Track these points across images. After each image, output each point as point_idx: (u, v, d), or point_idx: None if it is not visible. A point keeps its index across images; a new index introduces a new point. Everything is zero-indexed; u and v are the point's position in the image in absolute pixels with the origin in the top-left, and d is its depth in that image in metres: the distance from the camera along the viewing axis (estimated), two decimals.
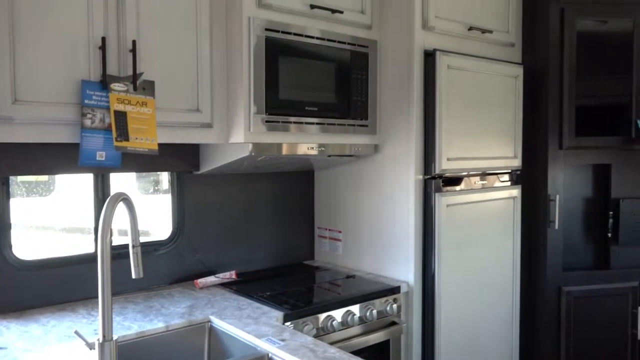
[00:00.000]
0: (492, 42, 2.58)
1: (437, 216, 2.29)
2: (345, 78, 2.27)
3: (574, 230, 2.87)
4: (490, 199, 2.54)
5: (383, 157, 2.43)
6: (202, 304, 2.02)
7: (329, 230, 2.72)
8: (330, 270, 2.58)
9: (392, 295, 2.26)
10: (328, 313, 2.04)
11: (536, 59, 2.67)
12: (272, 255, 2.67)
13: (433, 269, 2.30)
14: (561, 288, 2.67)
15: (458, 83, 2.35)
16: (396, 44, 2.34)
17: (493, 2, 2.58)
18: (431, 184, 2.29)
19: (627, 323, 2.76)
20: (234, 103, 2.03)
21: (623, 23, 2.69)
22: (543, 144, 2.65)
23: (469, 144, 2.42)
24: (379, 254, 2.46)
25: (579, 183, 2.89)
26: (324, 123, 2.22)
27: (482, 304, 2.52)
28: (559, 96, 2.62)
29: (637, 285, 2.76)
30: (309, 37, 2.14)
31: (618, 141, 2.70)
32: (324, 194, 2.75)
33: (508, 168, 2.61)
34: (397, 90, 2.35)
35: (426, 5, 2.28)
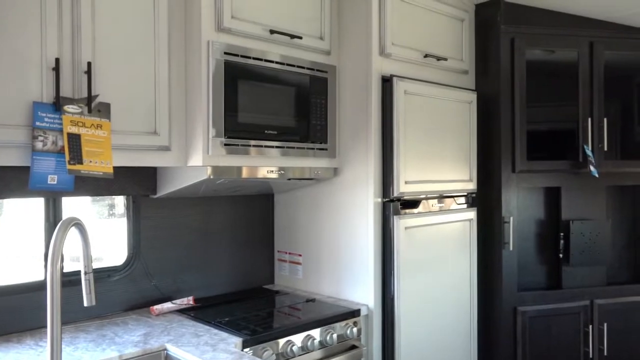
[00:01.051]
0: (447, 69, 2.67)
1: (396, 239, 2.31)
2: (304, 102, 2.29)
3: (527, 251, 2.95)
4: (448, 221, 2.59)
5: (342, 181, 2.45)
6: (157, 331, 1.96)
7: (289, 254, 2.71)
8: (290, 294, 2.56)
9: (352, 318, 2.26)
10: (288, 338, 2.01)
11: (489, 86, 2.77)
12: (231, 279, 2.63)
13: (392, 291, 2.32)
14: (516, 308, 2.73)
15: (415, 108, 2.41)
16: (355, 70, 2.39)
17: (448, 31, 2.67)
18: (390, 207, 2.32)
19: (580, 341, 2.83)
20: (193, 126, 2.02)
21: (569, 53, 2.83)
22: (497, 168, 2.73)
23: (426, 167, 2.47)
24: (339, 277, 2.46)
25: (531, 205, 2.99)
26: (284, 146, 2.23)
27: (441, 325, 2.54)
28: (511, 122, 2.72)
29: (588, 304, 2.85)
30: (268, 61, 2.16)
31: (567, 165, 2.81)
32: (284, 217, 2.74)
33: (464, 191, 2.68)
34: (356, 115, 2.39)
35: (383, 33, 2.34)
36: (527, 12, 2.79)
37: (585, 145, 2.77)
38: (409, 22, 2.47)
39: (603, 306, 2.87)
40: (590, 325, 2.84)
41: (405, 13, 2.45)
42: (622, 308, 2.90)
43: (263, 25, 2.15)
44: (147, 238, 2.32)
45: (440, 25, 2.63)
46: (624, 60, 2.96)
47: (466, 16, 2.75)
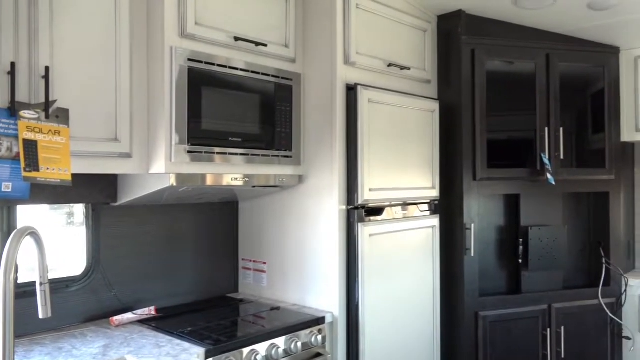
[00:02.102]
0: (410, 79, 2.71)
1: (360, 246, 2.33)
2: (269, 109, 2.29)
3: (488, 257, 3.02)
4: (411, 228, 2.62)
5: (307, 188, 2.45)
6: (117, 342, 1.91)
7: (253, 262, 2.69)
8: (254, 303, 2.54)
9: (317, 326, 2.26)
10: (252, 347, 1.99)
11: (451, 95, 2.82)
12: (194, 289, 2.59)
13: (357, 298, 2.33)
14: (478, 313, 2.78)
15: (379, 116, 2.44)
16: (319, 78, 2.40)
17: (411, 41, 2.72)
18: (354, 214, 2.34)
19: (539, 344, 2.91)
20: (155, 133, 1.99)
21: (527, 64, 2.92)
22: (459, 175, 2.79)
23: (390, 174, 2.50)
24: (304, 284, 2.46)
25: (492, 212, 3.06)
26: (249, 154, 2.22)
27: (405, 331, 2.57)
28: (472, 130, 2.78)
29: (546, 308, 2.93)
30: (233, 68, 2.15)
31: (525, 173, 2.89)
32: (249, 225, 2.72)
33: (427, 198, 2.72)
34: (320, 122, 2.40)
35: (348, 42, 2.36)
36: (488, 24, 2.87)
37: (542, 153, 2.86)
38: (373, 31, 2.51)
39: (560, 310, 2.95)
40: (548, 329, 2.92)
41: (369, 23, 2.48)
42: (578, 311, 2.99)
43: (227, 32, 2.14)
44: (107, 247, 2.26)
45: (403, 36, 2.67)
46: (578, 72, 3.07)
47: (429, 27, 2.81)
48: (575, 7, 2.65)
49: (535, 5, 2.66)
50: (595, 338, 3.03)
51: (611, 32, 2.95)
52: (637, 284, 3.08)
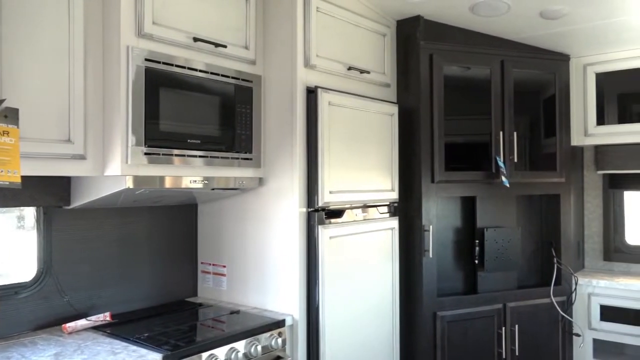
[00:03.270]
0: (370, 82, 2.74)
1: (321, 248, 2.33)
2: (229, 111, 2.27)
3: (446, 258, 3.08)
4: (371, 230, 2.65)
5: (267, 190, 2.44)
6: (70, 350, 1.85)
7: (212, 265, 2.66)
8: (214, 307, 2.51)
9: (277, 329, 2.25)
10: (211, 352, 1.97)
11: (409, 99, 2.87)
12: (151, 293, 2.53)
13: (317, 300, 2.33)
14: (436, 313, 2.83)
15: (339, 119, 2.45)
16: (280, 80, 2.40)
17: (371, 45, 2.75)
18: (314, 217, 2.34)
19: (494, 342, 2.99)
20: (111, 134, 1.94)
21: (482, 70, 3.00)
22: (417, 178, 2.83)
23: (350, 177, 2.52)
24: (264, 287, 2.45)
25: (449, 214, 3.13)
26: (208, 156, 2.19)
27: (365, 332, 2.59)
28: (430, 134, 2.83)
29: (501, 307, 3.01)
30: (192, 69, 2.12)
31: (481, 175, 2.97)
32: (208, 228, 2.69)
33: (387, 200, 2.75)
34: (281, 125, 2.39)
35: (308, 44, 2.37)
36: (445, 30, 2.94)
37: (497, 156, 2.94)
38: (333, 35, 2.52)
39: (515, 309, 3.04)
40: (503, 327, 3.00)
41: (329, 26, 2.50)
42: (531, 310, 3.09)
43: (186, 32, 2.11)
44: (60, 251, 2.19)
45: (363, 39, 2.70)
46: (531, 78, 3.18)
47: (388, 31, 2.85)
48: (528, 15, 2.74)
49: (490, 12, 2.73)
50: (547, 335, 3.14)
51: (562, 40, 3.07)
52: (586, 282, 3.20)
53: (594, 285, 3.18)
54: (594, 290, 3.18)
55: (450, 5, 2.69)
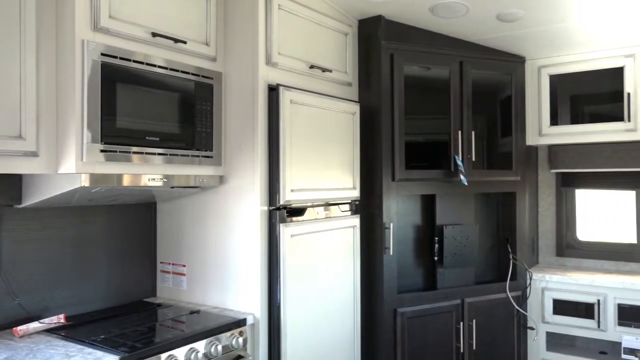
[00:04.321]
0: (332, 81, 2.75)
1: (282, 246, 2.33)
2: (189, 108, 2.23)
3: (406, 255, 3.13)
4: (333, 228, 2.66)
5: (228, 189, 2.42)
6: (21, 354, 1.78)
7: (172, 265, 2.61)
8: (173, 307, 2.47)
9: (238, 328, 2.23)
10: (170, 352, 1.94)
11: (371, 98, 2.90)
12: (108, 294, 2.47)
13: (278, 299, 2.33)
14: (396, 310, 2.87)
15: (301, 117, 2.45)
16: (241, 77, 2.38)
17: (333, 44, 2.76)
18: (276, 215, 2.34)
19: (452, 337, 3.05)
20: (65, 131, 1.88)
21: (442, 70, 3.06)
22: (378, 176, 2.86)
23: (312, 175, 2.52)
24: (225, 287, 2.42)
25: (409, 212, 3.17)
26: (167, 153, 2.15)
27: (327, 330, 2.60)
28: (391, 133, 2.87)
29: (459, 303, 3.08)
30: (150, 65, 2.08)
31: (440, 174, 3.03)
32: (167, 227, 2.64)
33: (348, 199, 2.77)
34: (242, 123, 2.37)
35: (270, 42, 2.36)
36: (406, 30, 2.97)
37: (456, 155, 3.00)
38: (295, 33, 2.52)
39: (472, 304, 3.12)
40: (461, 322, 3.07)
41: (291, 24, 2.49)
42: (488, 305, 3.17)
43: (144, 27, 2.07)
44: (11, 252, 2.11)
45: (325, 38, 2.71)
46: (488, 79, 3.26)
47: (350, 30, 2.87)
48: (485, 17, 2.81)
49: (449, 14, 2.79)
50: (503, 329, 3.23)
51: (518, 43, 3.16)
52: (540, 277, 3.31)
53: (547, 280, 3.29)
54: (547, 285, 3.29)
55: (411, 6, 2.73)
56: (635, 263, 3.42)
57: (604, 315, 3.10)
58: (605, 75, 3.19)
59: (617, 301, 3.08)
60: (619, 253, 3.48)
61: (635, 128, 3.07)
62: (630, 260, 3.44)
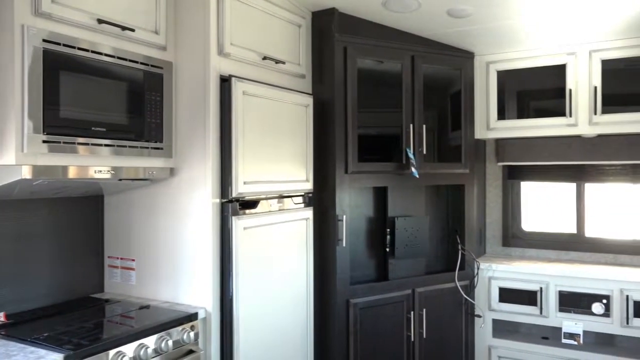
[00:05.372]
0: (285, 73, 2.74)
1: (234, 239, 2.31)
2: (138, 98, 2.17)
3: (359, 247, 3.17)
4: (286, 221, 2.66)
5: (180, 181, 2.37)
6: None
7: (120, 259, 2.54)
8: (122, 302, 2.40)
9: (190, 322, 2.20)
10: (118, 349, 1.89)
11: (324, 91, 2.90)
12: (52, 291, 2.38)
13: (231, 292, 2.31)
14: (349, 300, 2.91)
15: (254, 109, 2.43)
16: (192, 67, 2.33)
17: (286, 36, 2.74)
18: (228, 208, 2.31)
19: (403, 327, 3.12)
20: (4, 120, 1.79)
21: (394, 64, 3.09)
22: (331, 169, 2.88)
23: (265, 167, 2.51)
24: (176, 281, 2.38)
25: (362, 204, 3.21)
26: (115, 145, 2.09)
27: (280, 321, 2.60)
28: (344, 125, 2.88)
29: (410, 293, 3.15)
30: (96, 53, 2.00)
31: (392, 167, 3.07)
32: (115, 220, 2.57)
33: (301, 191, 2.77)
34: (193, 114, 2.33)
35: (222, 32, 2.32)
36: (360, 23, 2.99)
37: (407, 148, 3.05)
38: (248, 23, 2.49)
39: (423, 293, 3.19)
40: (412, 312, 3.14)
41: (243, 14, 2.46)
42: (437, 294, 3.25)
43: (90, 13, 1.99)
44: None
45: (278, 29, 2.69)
46: (439, 74, 3.33)
47: (303, 22, 2.86)
48: (436, 13, 2.86)
49: (401, 8, 2.82)
50: (452, 317, 3.33)
51: (467, 39, 3.23)
52: (487, 267, 3.42)
53: (494, 270, 3.40)
54: (493, 274, 3.41)
55: None
56: (575, 252, 3.58)
57: (546, 302, 3.24)
58: (549, 72, 3.31)
59: (558, 288, 3.22)
60: (561, 243, 3.65)
61: (576, 123, 3.21)
62: (571, 249, 3.60)
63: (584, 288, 3.16)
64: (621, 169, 3.49)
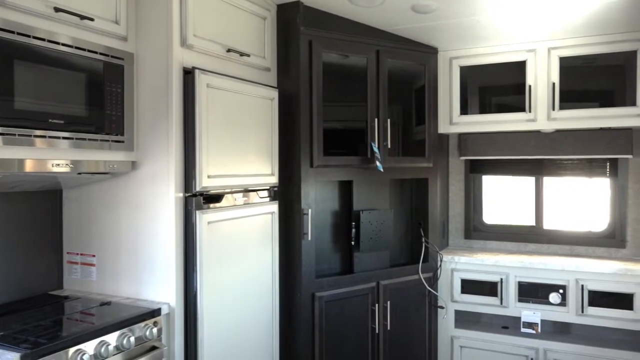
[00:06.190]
0: (250, 65, 2.71)
1: (199, 234, 2.28)
2: (98, 90, 2.11)
3: (324, 240, 3.18)
4: (251, 215, 2.64)
5: (142, 175, 2.33)
6: None
7: (80, 255, 2.48)
8: (82, 299, 2.35)
9: (153, 318, 2.17)
10: (78, 347, 1.85)
11: (289, 84, 2.89)
12: (8, 288, 2.30)
13: (195, 287, 2.28)
14: (314, 294, 2.92)
15: (218, 102, 2.40)
16: (155, 59, 2.28)
17: (251, 28, 2.71)
18: (192, 202, 2.28)
19: (368, 319, 3.15)
20: None
21: (360, 59, 3.10)
22: (297, 163, 2.87)
23: (230, 161, 2.49)
24: (139, 276, 2.34)
25: (327, 197, 3.22)
26: (74, 137, 2.03)
27: (245, 316, 2.59)
28: (309, 119, 2.88)
29: (375, 285, 3.19)
30: (53, 42, 1.94)
31: (358, 160, 3.09)
32: (75, 215, 2.50)
33: (267, 185, 2.76)
34: (156, 106, 2.28)
35: (185, 23, 2.28)
36: (325, 17, 2.98)
37: (372, 142, 3.08)
38: (212, 14, 2.45)
39: (387, 286, 3.23)
40: (376, 304, 3.18)
41: (207, 5, 2.42)
42: (401, 287, 3.30)
43: (46, 1, 1.92)
44: None
45: (243, 21, 2.66)
46: (404, 69, 3.36)
47: (268, 15, 2.83)
48: (401, 8, 2.88)
49: (366, 3, 2.83)
50: (416, 309, 3.38)
51: (431, 34, 3.27)
52: (449, 259, 3.49)
53: (456, 262, 3.48)
54: (456, 266, 3.48)
55: None
56: (534, 244, 3.69)
57: (506, 293, 3.33)
58: (510, 68, 3.39)
59: (518, 279, 3.32)
60: (520, 235, 3.75)
61: (535, 118, 3.29)
62: (530, 241, 3.71)
63: (542, 278, 3.26)
64: (578, 164, 3.61)
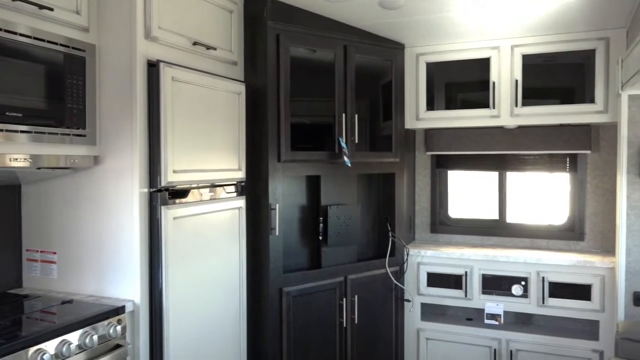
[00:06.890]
0: (216, 59, 2.68)
1: (164, 229, 2.25)
2: (58, 82, 2.05)
3: (292, 236, 3.17)
4: (218, 210, 2.62)
5: (105, 170, 2.27)
6: None
7: (40, 253, 2.41)
8: (42, 298, 2.28)
9: (116, 316, 2.13)
10: (38, 346, 1.80)
11: (257, 79, 2.86)
12: None
13: (160, 283, 2.25)
14: (282, 289, 2.91)
15: (184, 96, 2.36)
16: (118, 51, 2.23)
17: (217, 21, 2.68)
18: (157, 197, 2.25)
19: (336, 313, 3.17)
20: None
21: (327, 54, 3.10)
22: (264, 157, 2.85)
23: (196, 156, 2.45)
24: (102, 274, 2.29)
25: (295, 192, 3.22)
26: (33, 131, 1.96)
27: (212, 312, 2.57)
28: (277, 114, 2.86)
29: (342, 280, 3.20)
30: (10, 32, 1.87)
31: (325, 155, 3.09)
32: (34, 211, 2.42)
33: (234, 180, 2.74)
34: (119, 100, 2.23)
35: (149, 15, 2.23)
36: (292, 11, 2.96)
37: (340, 137, 3.08)
38: (177, 6, 2.40)
39: (354, 280, 3.25)
40: (344, 299, 3.19)
41: None
42: (369, 281, 3.33)
43: None
44: None
45: (209, 14, 2.62)
46: (371, 64, 3.37)
47: (235, 8, 2.80)
48: (368, 3, 2.89)
49: None
50: (383, 303, 3.42)
51: (398, 30, 3.30)
52: (415, 253, 3.54)
53: (422, 255, 3.53)
54: (422, 259, 3.53)
55: None
56: (497, 237, 3.78)
57: (471, 285, 3.40)
58: (475, 65, 3.45)
59: (482, 272, 3.39)
60: (484, 228, 3.83)
61: (498, 114, 3.36)
62: (493, 234, 3.80)
63: (505, 271, 3.34)
64: (539, 159, 3.71)
